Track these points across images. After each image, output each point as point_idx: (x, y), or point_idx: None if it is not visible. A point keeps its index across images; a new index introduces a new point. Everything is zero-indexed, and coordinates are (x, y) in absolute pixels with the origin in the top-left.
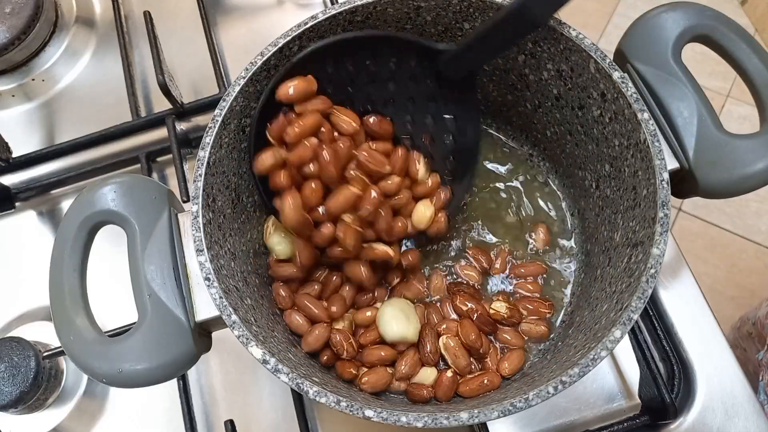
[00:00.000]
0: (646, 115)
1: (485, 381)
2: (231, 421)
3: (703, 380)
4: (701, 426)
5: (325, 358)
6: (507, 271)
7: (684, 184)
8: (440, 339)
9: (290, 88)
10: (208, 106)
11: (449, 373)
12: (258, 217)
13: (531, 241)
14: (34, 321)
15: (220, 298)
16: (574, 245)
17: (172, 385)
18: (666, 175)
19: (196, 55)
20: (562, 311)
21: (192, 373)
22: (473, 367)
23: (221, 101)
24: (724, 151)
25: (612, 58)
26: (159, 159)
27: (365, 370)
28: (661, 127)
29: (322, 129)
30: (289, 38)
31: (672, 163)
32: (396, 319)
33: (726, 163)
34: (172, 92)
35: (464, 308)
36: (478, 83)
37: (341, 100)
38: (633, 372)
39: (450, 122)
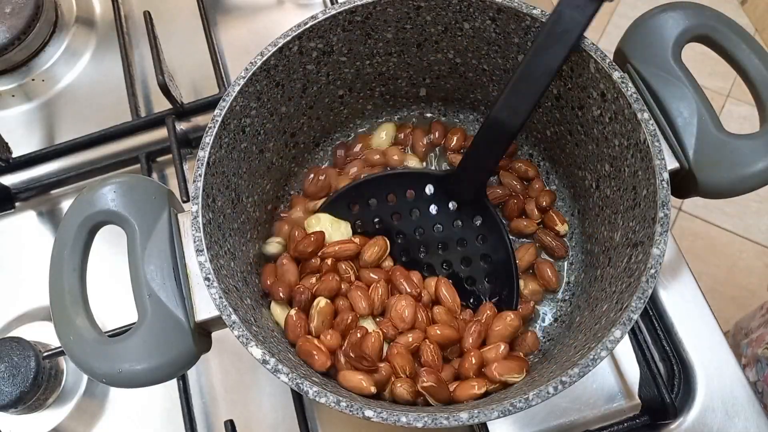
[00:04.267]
0: (646, 115)
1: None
2: (231, 421)
3: (703, 380)
4: (701, 426)
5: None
6: None
7: (684, 184)
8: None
9: None
10: (208, 106)
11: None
12: (258, 217)
13: None
14: (34, 321)
15: (220, 298)
16: (574, 245)
17: (172, 385)
18: (666, 175)
19: (196, 55)
20: (562, 311)
21: (192, 373)
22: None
23: (221, 101)
24: (724, 151)
25: (612, 58)
26: (159, 159)
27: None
28: (661, 127)
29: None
30: (289, 38)
31: (672, 163)
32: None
33: (726, 163)
34: (172, 92)
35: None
36: (487, 201)
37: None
38: (633, 372)
39: (481, 241)
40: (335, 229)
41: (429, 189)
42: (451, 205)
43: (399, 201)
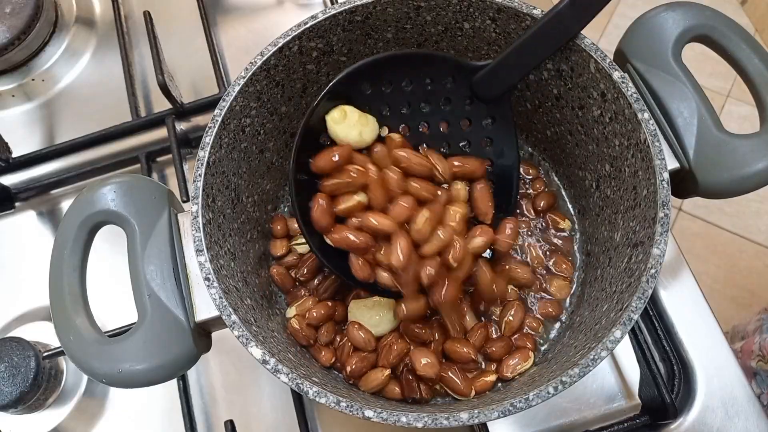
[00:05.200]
0: (647, 115)
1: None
2: (231, 421)
3: (703, 380)
4: (701, 426)
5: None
6: None
7: (684, 184)
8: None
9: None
10: (208, 106)
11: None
12: (258, 217)
13: None
14: (34, 321)
15: (220, 298)
16: (574, 245)
17: (172, 385)
18: (666, 175)
19: (196, 55)
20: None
21: (192, 373)
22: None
23: (221, 101)
24: (724, 151)
25: (612, 58)
26: (159, 159)
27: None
28: (661, 127)
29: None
30: (289, 38)
31: (672, 163)
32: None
33: (726, 163)
34: (172, 92)
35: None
36: (511, 103)
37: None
38: (633, 372)
39: (487, 144)
40: (363, 125)
41: (449, 81)
42: (467, 103)
43: (414, 89)
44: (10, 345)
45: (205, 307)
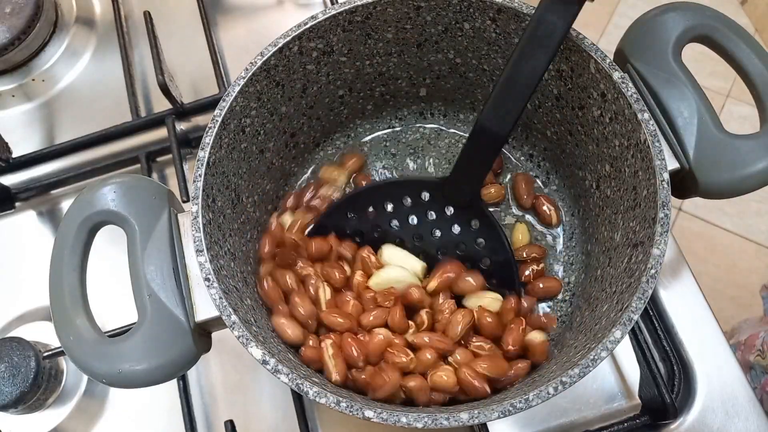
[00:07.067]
0: (647, 115)
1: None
2: (231, 422)
3: (703, 380)
4: (701, 426)
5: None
6: None
7: (684, 184)
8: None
9: None
10: (208, 106)
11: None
12: (258, 217)
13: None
14: (34, 321)
15: (220, 298)
16: (574, 245)
17: (172, 385)
18: (666, 176)
19: (196, 55)
20: (562, 312)
21: (192, 373)
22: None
23: (221, 101)
24: (724, 151)
25: (612, 58)
26: (159, 159)
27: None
28: (661, 127)
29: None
30: (289, 38)
31: (672, 164)
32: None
33: (726, 163)
34: (172, 92)
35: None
36: (483, 204)
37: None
38: (633, 372)
39: (480, 245)
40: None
41: (425, 195)
42: (448, 210)
43: (396, 208)
44: (10, 345)
45: (205, 307)
